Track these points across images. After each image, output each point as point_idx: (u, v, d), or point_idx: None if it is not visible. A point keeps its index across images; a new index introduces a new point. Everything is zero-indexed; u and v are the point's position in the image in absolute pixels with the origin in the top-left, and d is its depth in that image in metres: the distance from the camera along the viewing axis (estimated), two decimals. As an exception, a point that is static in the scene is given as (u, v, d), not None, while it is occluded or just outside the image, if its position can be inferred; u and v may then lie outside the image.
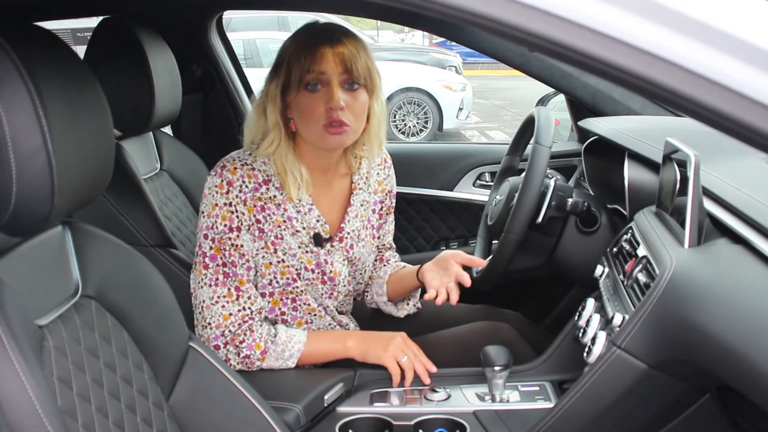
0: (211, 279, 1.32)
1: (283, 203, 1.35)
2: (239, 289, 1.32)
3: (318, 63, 1.26)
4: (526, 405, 1.32)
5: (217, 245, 1.31)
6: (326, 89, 1.27)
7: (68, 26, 6.32)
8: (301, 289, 1.40)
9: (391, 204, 1.60)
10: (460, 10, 0.56)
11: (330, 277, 1.42)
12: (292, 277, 1.38)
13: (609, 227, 1.58)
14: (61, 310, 0.90)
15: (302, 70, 1.27)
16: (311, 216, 1.38)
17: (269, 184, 1.34)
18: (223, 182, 1.30)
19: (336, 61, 1.26)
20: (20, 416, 0.75)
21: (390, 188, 1.58)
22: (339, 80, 1.27)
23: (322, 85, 1.27)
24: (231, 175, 1.30)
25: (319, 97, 1.27)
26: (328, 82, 1.27)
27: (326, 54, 1.26)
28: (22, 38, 0.80)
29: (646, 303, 1.04)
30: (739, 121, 0.54)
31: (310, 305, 1.43)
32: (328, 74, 1.27)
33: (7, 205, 0.78)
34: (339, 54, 1.26)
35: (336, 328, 1.50)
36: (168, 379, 1.07)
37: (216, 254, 1.31)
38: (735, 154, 1.31)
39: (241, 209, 1.31)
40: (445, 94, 8.00)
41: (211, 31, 2.29)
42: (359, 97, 1.30)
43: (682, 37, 0.54)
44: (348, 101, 1.28)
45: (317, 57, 1.26)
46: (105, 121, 0.91)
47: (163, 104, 1.81)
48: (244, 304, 1.33)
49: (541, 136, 1.54)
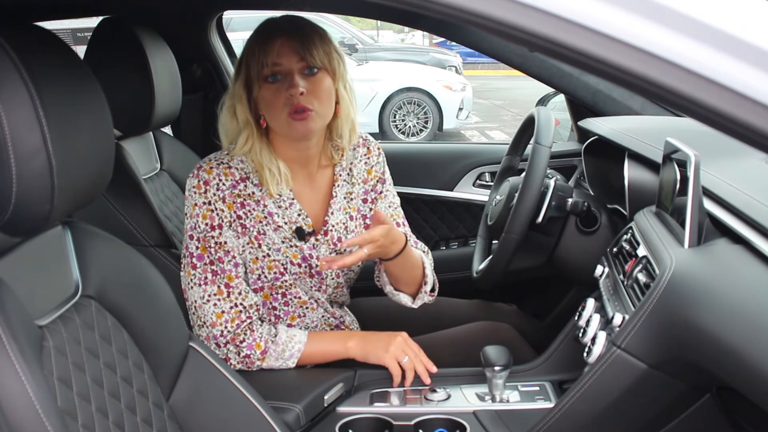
0: (200, 278, 1.33)
1: (263, 199, 1.36)
2: (229, 285, 1.33)
3: (273, 55, 1.29)
4: (526, 405, 1.32)
5: (203, 244, 1.32)
6: (285, 79, 1.29)
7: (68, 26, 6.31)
8: (290, 283, 1.41)
9: (385, 190, 1.55)
10: (460, 10, 0.56)
11: (317, 270, 1.42)
12: (279, 272, 1.39)
13: (609, 227, 1.58)
14: (61, 310, 0.90)
15: (259, 65, 1.30)
16: (292, 210, 1.39)
17: (247, 181, 1.35)
18: (200, 182, 1.32)
19: (289, 50, 1.29)
20: (20, 416, 0.75)
21: (380, 175, 1.54)
22: (297, 68, 1.29)
23: (282, 75, 1.30)
24: (207, 175, 1.32)
25: (280, 87, 1.29)
26: (285, 72, 1.29)
27: (279, 45, 1.29)
28: (22, 38, 0.80)
29: (646, 303, 1.04)
30: (739, 121, 0.54)
31: (301, 298, 1.44)
32: (284, 64, 1.29)
33: (7, 205, 0.78)
34: (292, 42, 1.29)
35: (330, 320, 1.50)
36: (168, 379, 1.07)
37: (202, 253, 1.33)
38: (735, 154, 1.31)
39: (221, 206, 1.32)
40: (445, 94, 7.99)
41: (211, 31, 2.29)
42: (321, 82, 1.31)
43: (682, 37, 0.54)
44: (309, 87, 1.30)
45: (271, 49, 1.29)
46: (105, 122, 0.91)
47: (163, 104, 1.81)
48: (236, 300, 1.33)
49: (541, 136, 1.54)
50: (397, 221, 1.54)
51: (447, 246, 2.34)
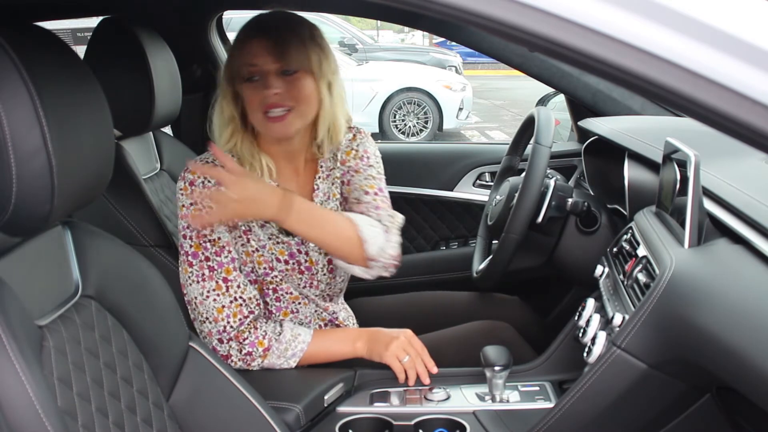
0: (197, 275, 1.33)
1: None
2: (227, 280, 1.33)
3: (249, 55, 1.29)
4: (526, 405, 1.32)
5: (196, 242, 1.33)
6: (262, 79, 1.30)
7: (68, 26, 6.31)
8: (279, 278, 1.41)
9: (364, 164, 1.47)
10: (460, 10, 0.56)
11: (306, 267, 1.42)
12: (268, 266, 1.39)
13: (609, 227, 1.58)
14: (61, 310, 0.90)
15: (239, 64, 1.31)
16: None
17: None
18: (186, 184, 1.32)
19: (265, 52, 1.28)
20: (20, 416, 0.75)
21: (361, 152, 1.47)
22: (272, 69, 1.29)
23: (258, 76, 1.30)
24: (192, 176, 1.32)
25: (257, 87, 1.30)
26: (261, 72, 1.29)
27: (255, 45, 1.29)
28: (22, 38, 0.80)
29: (646, 303, 1.04)
30: (739, 121, 0.54)
31: (292, 294, 1.44)
32: (259, 65, 1.29)
33: (7, 206, 0.78)
34: (268, 43, 1.28)
35: (323, 314, 1.50)
36: (168, 379, 1.07)
37: (197, 251, 1.33)
38: (735, 154, 1.31)
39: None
40: (445, 94, 7.99)
41: (211, 31, 2.29)
42: (299, 82, 1.30)
43: (682, 37, 0.54)
44: (285, 87, 1.29)
45: (248, 50, 1.30)
46: (105, 122, 0.91)
47: (163, 104, 1.81)
48: (235, 294, 1.34)
49: (541, 136, 1.54)
50: (366, 191, 1.44)
51: (447, 246, 2.34)
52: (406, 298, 1.84)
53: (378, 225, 1.40)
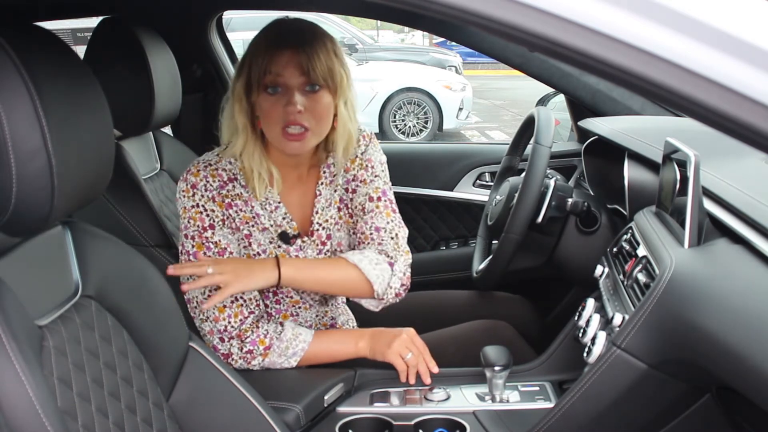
0: None
1: (250, 200, 1.36)
2: None
3: (275, 65, 1.25)
4: (526, 405, 1.32)
5: (198, 242, 1.33)
6: (284, 92, 1.26)
7: (68, 26, 6.32)
8: None
9: (369, 176, 1.44)
10: (460, 10, 0.56)
11: None
12: None
13: (609, 227, 1.58)
14: (61, 310, 0.90)
15: (261, 72, 1.26)
16: (278, 214, 1.38)
17: (235, 182, 1.35)
18: (188, 186, 1.32)
19: (293, 64, 1.24)
20: (20, 416, 0.75)
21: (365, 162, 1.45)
22: (297, 83, 1.25)
23: (282, 88, 1.26)
24: (194, 178, 1.32)
25: (278, 100, 1.26)
26: (285, 85, 1.25)
27: (283, 57, 1.25)
28: (22, 38, 0.80)
29: (646, 303, 1.04)
30: (739, 121, 0.54)
31: (293, 297, 1.44)
32: (285, 77, 1.25)
33: (7, 206, 0.78)
34: (296, 56, 1.24)
35: (323, 319, 1.50)
36: (168, 379, 1.07)
37: (198, 251, 1.33)
38: (735, 154, 1.31)
39: (211, 206, 1.32)
40: (445, 94, 7.99)
41: (211, 31, 2.29)
42: (321, 100, 1.27)
43: (682, 37, 0.54)
44: (307, 104, 1.26)
45: (274, 60, 1.25)
46: (105, 121, 0.91)
47: (163, 104, 1.81)
48: (235, 294, 1.33)
49: (541, 136, 1.54)
50: (371, 196, 1.42)
51: (447, 246, 2.34)
52: (406, 297, 1.84)
53: (383, 261, 1.40)
